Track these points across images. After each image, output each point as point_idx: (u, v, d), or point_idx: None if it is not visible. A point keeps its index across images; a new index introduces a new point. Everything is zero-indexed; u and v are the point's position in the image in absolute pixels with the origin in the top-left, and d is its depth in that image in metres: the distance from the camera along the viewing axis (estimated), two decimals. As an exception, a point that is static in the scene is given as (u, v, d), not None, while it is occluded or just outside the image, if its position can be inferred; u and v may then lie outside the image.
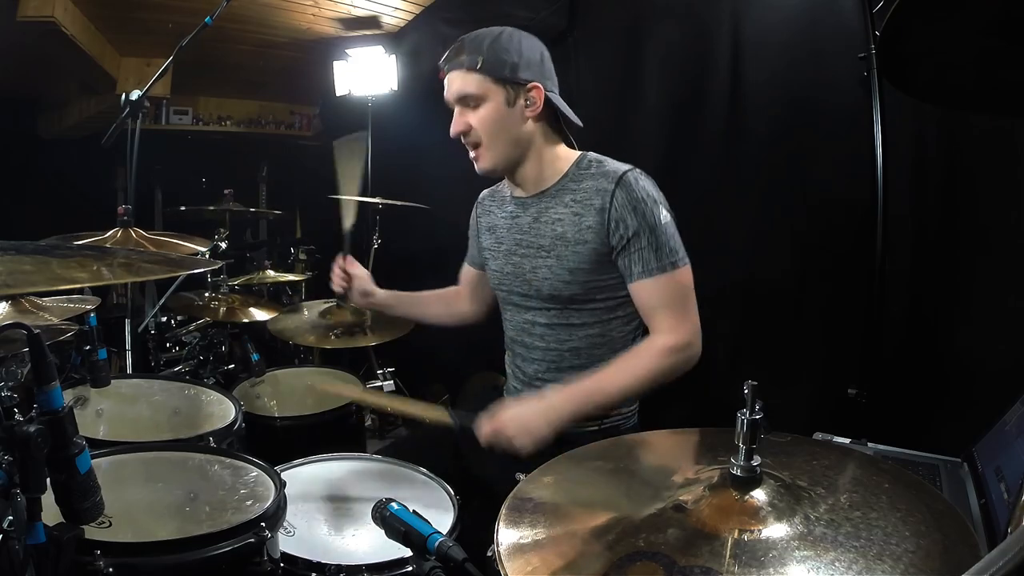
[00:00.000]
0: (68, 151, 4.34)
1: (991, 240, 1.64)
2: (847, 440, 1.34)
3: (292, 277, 3.37)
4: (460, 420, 1.37)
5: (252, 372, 2.24)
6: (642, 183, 1.41)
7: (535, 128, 1.46)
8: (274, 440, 1.95)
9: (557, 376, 1.50)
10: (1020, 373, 1.35)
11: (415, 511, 0.94)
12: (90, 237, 1.94)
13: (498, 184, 1.69)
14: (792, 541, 0.71)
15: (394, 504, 0.94)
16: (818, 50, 1.93)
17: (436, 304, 1.85)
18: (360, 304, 1.81)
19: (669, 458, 1.01)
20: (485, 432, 1.31)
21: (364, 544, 1.21)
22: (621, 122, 2.48)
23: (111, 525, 1.00)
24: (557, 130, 1.52)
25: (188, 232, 2.32)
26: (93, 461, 0.80)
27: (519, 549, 0.76)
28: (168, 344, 2.84)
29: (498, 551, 0.75)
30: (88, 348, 1.52)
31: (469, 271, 1.81)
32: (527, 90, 1.42)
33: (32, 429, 0.72)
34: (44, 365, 0.76)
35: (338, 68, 3.83)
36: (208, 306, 2.69)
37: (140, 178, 2.35)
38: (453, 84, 1.43)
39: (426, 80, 3.58)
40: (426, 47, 3.52)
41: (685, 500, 0.79)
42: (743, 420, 0.79)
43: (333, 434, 2.01)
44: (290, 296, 3.49)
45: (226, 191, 3.36)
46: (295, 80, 4.66)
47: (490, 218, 1.66)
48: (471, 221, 1.77)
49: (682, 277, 1.39)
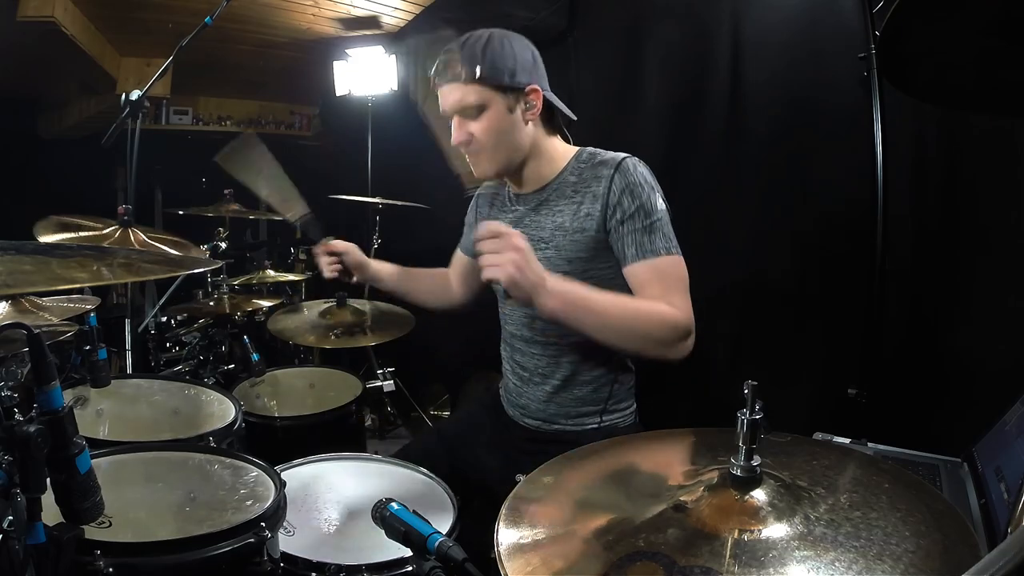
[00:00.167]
0: (68, 151, 4.34)
1: (991, 240, 1.64)
2: (847, 440, 1.34)
3: (292, 277, 3.37)
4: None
5: (252, 372, 2.24)
6: (640, 169, 1.42)
7: (534, 129, 1.47)
8: (274, 440, 1.95)
9: (556, 370, 1.50)
10: (1020, 373, 1.35)
11: (415, 511, 0.94)
12: (91, 223, 1.96)
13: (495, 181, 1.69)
14: (792, 541, 0.71)
15: (394, 504, 0.94)
16: (818, 50, 1.93)
17: (428, 281, 1.86)
18: (359, 279, 1.78)
19: (669, 458, 1.01)
20: (492, 228, 1.22)
21: (364, 544, 1.21)
22: (621, 122, 2.48)
23: (111, 525, 0.99)
24: (554, 126, 1.52)
25: (188, 232, 2.32)
26: (93, 461, 0.80)
27: (519, 549, 0.76)
28: (168, 344, 2.84)
29: (498, 551, 0.75)
30: (88, 348, 1.52)
31: (461, 258, 1.82)
32: (526, 94, 1.42)
33: (32, 429, 0.72)
34: (44, 365, 0.76)
35: (338, 68, 3.84)
36: (208, 306, 2.69)
37: (140, 178, 2.36)
38: (451, 96, 1.41)
39: (426, 80, 3.59)
40: (426, 47, 3.52)
41: (685, 500, 0.79)
42: (743, 420, 0.78)
43: (333, 434, 2.01)
44: (290, 296, 3.49)
45: (226, 191, 3.36)
46: (295, 80, 4.66)
47: (490, 211, 1.66)
48: (469, 210, 1.79)
49: (677, 263, 1.38)
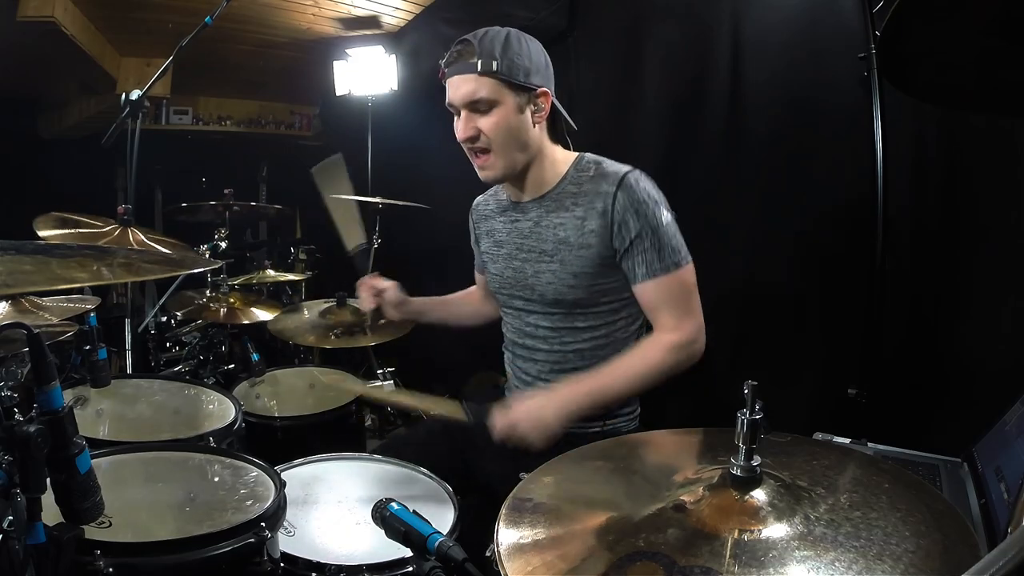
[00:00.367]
0: (68, 151, 4.34)
1: (991, 240, 1.64)
2: (847, 440, 1.34)
3: (292, 277, 3.37)
4: (473, 414, 1.37)
5: (252, 372, 2.24)
6: (643, 184, 1.41)
7: (540, 133, 1.46)
8: (274, 440, 1.95)
9: (560, 377, 1.50)
10: (1020, 373, 1.35)
11: (415, 511, 0.94)
12: (90, 223, 1.96)
13: (492, 188, 1.68)
14: (792, 541, 0.71)
15: (394, 504, 0.94)
16: (818, 50, 1.93)
17: (464, 305, 1.86)
18: (394, 316, 1.77)
19: (669, 458, 1.01)
20: (499, 426, 1.32)
21: (364, 544, 1.21)
22: (621, 122, 2.48)
23: (111, 525, 0.99)
24: (556, 133, 1.52)
25: (188, 232, 2.33)
26: (93, 461, 0.80)
27: (519, 549, 0.76)
28: (168, 344, 2.84)
29: (498, 551, 0.75)
30: (88, 348, 1.52)
31: (481, 278, 1.81)
32: (536, 96, 1.41)
33: (32, 429, 0.72)
34: (44, 365, 0.76)
35: (338, 68, 3.83)
36: (208, 306, 2.69)
37: (140, 178, 2.36)
38: (463, 87, 1.38)
39: (426, 80, 3.59)
40: (426, 47, 3.52)
41: (685, 500, 0.79)
42: (743, 420, 0.79)
43: (333, 434, 2.01)
44: (290, 296, 3.50)
45: (226, 191, 3.36)
46: (295, 80, 4.66)
47: (488, 223, 1.65)
48: (469, 229, 1.77)
49: (685, 276, 1.41)
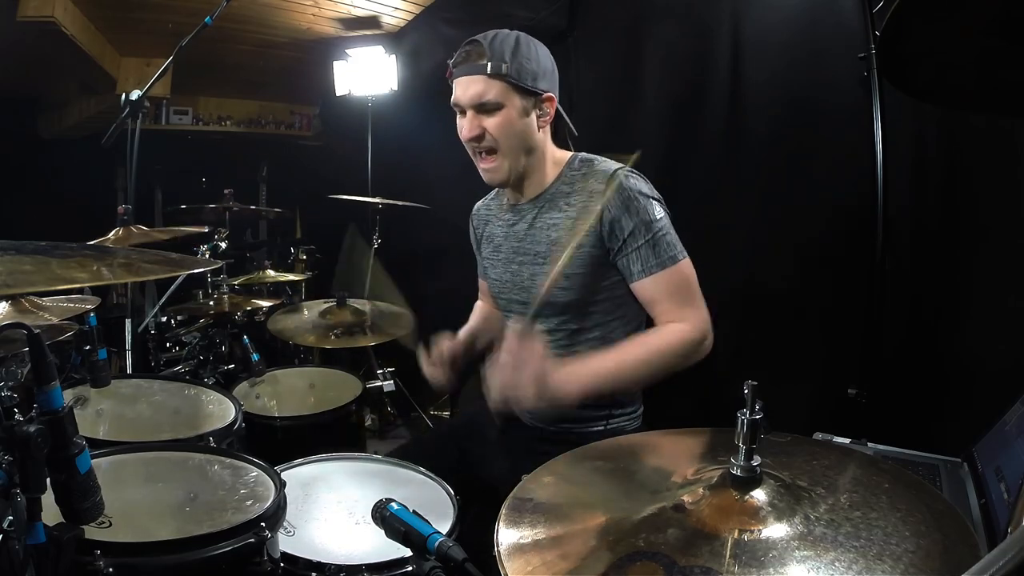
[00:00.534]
0: (68, 151, 4.34)
1: (991, 240, 1.64)
2: (847, 440, 1.34)
3: (292, 277, 3.37)
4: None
5: (252, 372, 2.24)
6: (632, 181, 1.40)
7: (543, 137, 1.46)
8: (274, 440, 1.95)
9: None
10: (1020, 373, 1.35)
11: (415, 511, 0.94)
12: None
13: (491, 192, 1.68)
14: (792, 541, 0.71)
15: (394, 504, 0.94)
16: (818, 50, 1.93)
17: (489, 323, 1.77)
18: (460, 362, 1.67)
19: (669, 458, 1.01)
20: (501, 386, 1.25)
21: (364, 544, 1.21)
22: (621, 122, 2.48)
23: (111, 525, 0.99)
24: (558, 137, 1.52)
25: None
26: (93, 461, 0.80)
27: (519, 549, 0.76)
28: (168, 344, 2.84)
29: (498, 551, 0.75)
30: (88, 348, 1.52)
31: (486, 285, 1.78)
32: (542, 100, 1.42)
33: (32, 429, 0.72)
34: (44, 365, 0.76)
35: (338, 68, 3.84)
36: (208, 306, 2.69)
37: (140, 178, 2.36)
38: (471, 87, 1.38)
39: (426, 80, 3.60)
40: (426, 47, 3.52)
41: (685, 500, 0.79)
42: (743, 420, 0.79)
43: (333, 434, 2.01)
44: (290, 296, 3.50)
45: (226, 191, 3.36)
46: (295, 80, 4.66)
47: (488, 228, 1.65)
48: (471, 236, 1.76)
49: (683, 269, 1.39)
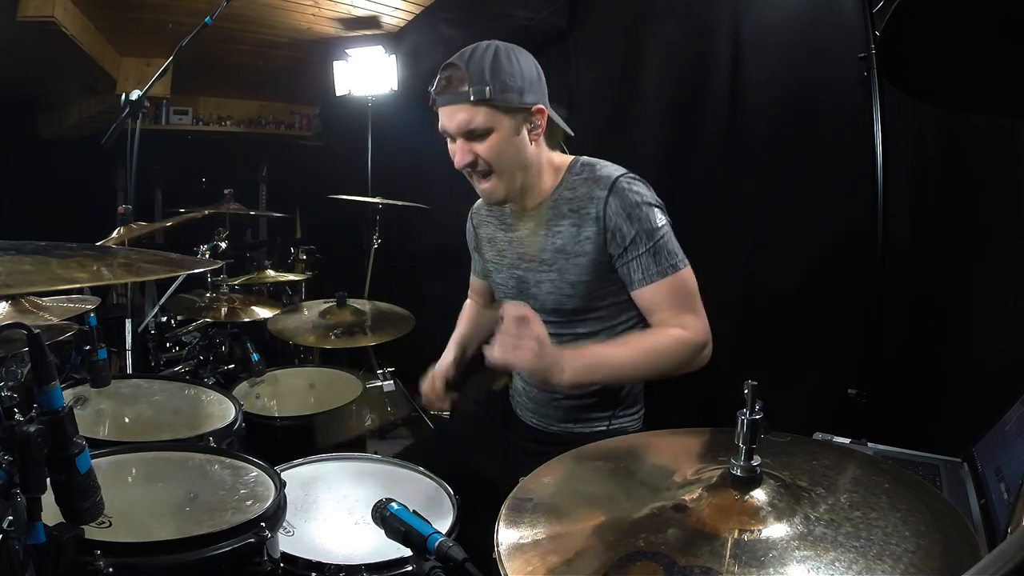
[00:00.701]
0: (68, 151, 4.34)
1: (991, 240, 1.64)
2: (847, 440, 1.34)
3: (292, 277, 3.37)
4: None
5: (252, 372, 2.24)
6: (635, 187, 1.38)
7: (538, 148, 1.44)
8: (274, 440, 1.96)
9: None
10: (1020, 373, 1.35)
11: (415, 511, 0.94)
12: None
13: None
14: (792, 541, 0.71)
15: (394, 504, 0.94)
16: (818, 50, 1.93)
17: (480, 327, 1.77)
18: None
19: (669, 458, 1.01)
20: (501, 352, 1.21)
21: (364, 544, 1.21)
22: (621, 122, 2.48)
23: (111, 525, 0.99)
24: (554, 141, 1.51)
25: (188, 232, 2.33)
26: (93, 461, 0.80)
27: (519, 549, 0.76)
28: (168, 344, 2.84)
29: (498, 551, 0.75)
30: (88, 348, 1.52)
31: (479, 284, 1.79)
32: (532, 114, 1.38)
33: (32, 429, 0.72)
34: (44, 365, 0.76)
35: (338, 68, 3.84)
36: (208, 306, 2.69)
37: (140, 178, 2.36)
38: (456, 116, 1.34)
39: (426, 80, 3.59)
40: (426, 47, 3.52)
41: (685, 500, 0.79)
42: (743, 420, 0.79)
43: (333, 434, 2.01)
44: (290, 296, 3.50)
45: (226, 191, 3.36)
46: (295, 80, 4.66)
47: (488, 229, 1.63)
48: (468, 234, 1.75)
49: (683, 277, 1.38)
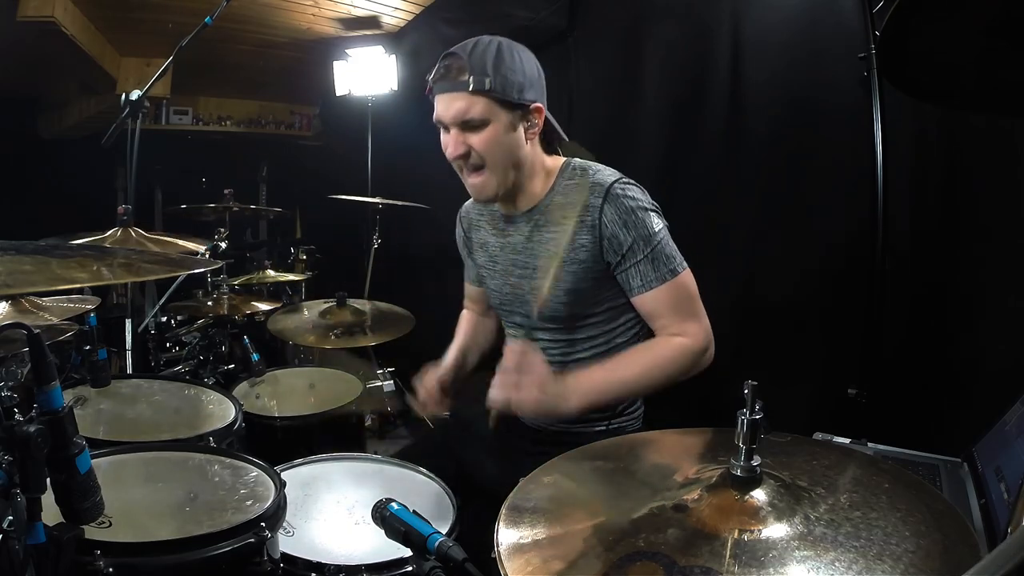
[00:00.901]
0: (68, 151, 4.35)
1: (991, 240, 1.64)
2: (847, 440, 1.34)
3: (292, 277, 3.37)
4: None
5: (252, 372, 2.24)
6: (630, 193, 1.36)
7: (533, 148, 1.42)
8: (274, 440, 1.95)
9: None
10: (1020, 373, 1.35)
11: (415, 511, 0.94)
12: (90, 237, 1.95)
13: None
14: (792, 541, 0.71)
15: (394, 504, 0.94)
16: (818, 50, 1.93)
17: (477, 337, 1.73)
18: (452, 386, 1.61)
19: (669, 458, 1.01)
20: (502, 393, 1.22)
21: (364, 544, 1.21)
22: (621, 122, 2.48)
23: (111, 525, 0.99)
24: (549, 144, 1.49)
25: (188, 232, 2.33)
26: (93, 461, 0.80)
27: (519, 549, 0.76)
28: (168, 344, 2.85)
29: (498, 551, 0.75)
30: (88, 348, 1.52)
31: (475, 291, 1.73)
32: (530, 112, 1.37)
33: (32, 429, 0.72)
34: (44, 365, 0.76)
35: (338, 68, 3.84)
36: (207, 306, 2.70)
37: (140, 178, 2.36)
38: (453, 105, 1.32)
39: (426, 80, 3.59)
40: (426, 47, 3.52)
41: (685, 500, 0.79)
42: (743, 420, 0.79)
43: (333, 434, 2.01)
44: (290, 296, 3.50)
45: (226, 191, 3.37)
46: (295, 80, 4.67)
47: (480, 234, 1.59)
48: (458, 237, 1.70)
49: (683, 282, 1.36)
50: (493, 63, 1.30)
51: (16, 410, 0.73)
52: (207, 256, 2.69)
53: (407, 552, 0.94)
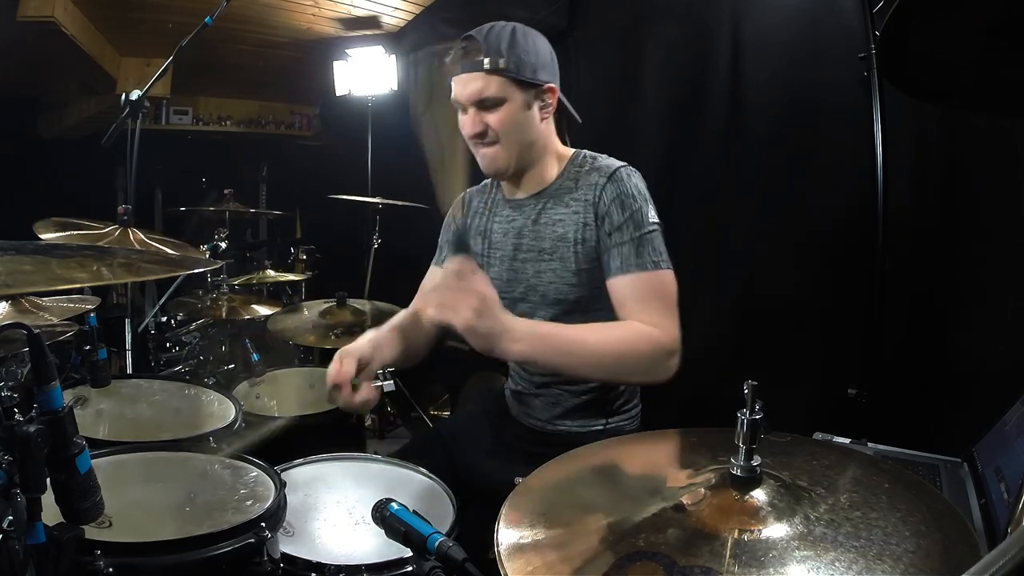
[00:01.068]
0: (68, 151, 4.34)
1: (991, 240, 1.64)
2: (847, 440, 1.34)
3: (292, 277, 3.37)
4: None
5: (252, 372, 2.24)
6: (634, 180, 1.40)
7: (546, 129, 1.46)
8: (274, 440, 1.95)
9: (559, 376, 1.49)
10: (1020, 373, 1.35)
11: (415, 511, 0.94)
12: (91, 226, 1.96)
13: (483, 183, 1.63)
14: (792, 541, 0.71)
15: (394, 504, 0.94)
16: (818, 50, 1.93)
17: (408, 339, 1.52)
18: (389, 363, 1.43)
19: (669, 458, 1.01)
20: (447, 304, 1.15)
21: (364, 544, 1.21)
22: (621, 122, 2.48)
23: (111, 525, 0.99)
24: (561, 128, 1.52)
25: (188, 232, 2.33)
26: (93, 461, 0.80)
27: (519, 549, 0.76)
28: (168, 344, 2.85)
29: (498, 551, 0.75)
30: (88, 348, 1.52)
31: (438, 272, 1.61)
32: (543, 92, 1.41)
33: (32, 429, 0.71)
34: (44, 365, 0.76)
35: (338, 68, 3.84)
36: (207, 306, 2.69)
37: (140, 178, 2.36)
38: (470, 85, 1.37)
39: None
40: (426, 47, 3.52)
41: (685, 500, 0.79)
42: (743, 420, 0.78)
43: (333, 434, 2.01)
44: (290, 296, 3.50)
45: (226, 191, 3.37)
46: (295, 80, 4.67)
47: (480, 220, 1.59)
48: (449, 217, 1.65)
49: (664, 279, 1.33)
50: (508, 44, 1.35)
51: (16, 410, 0.73)
52: (207, 255, 2.70)
53: (407, 552, 0.94)
